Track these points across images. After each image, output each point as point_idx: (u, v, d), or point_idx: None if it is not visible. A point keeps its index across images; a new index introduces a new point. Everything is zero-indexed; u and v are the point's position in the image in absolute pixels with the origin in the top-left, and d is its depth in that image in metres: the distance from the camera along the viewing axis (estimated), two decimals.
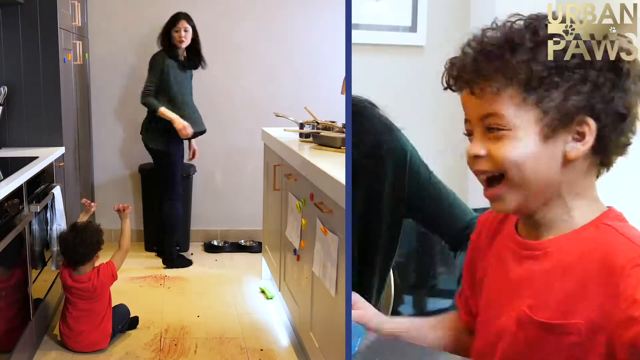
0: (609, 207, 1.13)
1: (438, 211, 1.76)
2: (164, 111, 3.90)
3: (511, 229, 1.20)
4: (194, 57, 4.06)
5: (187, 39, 3.99)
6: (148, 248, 4.37)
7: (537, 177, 1.08)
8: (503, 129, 1.07)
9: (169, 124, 3.92)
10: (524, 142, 1.07)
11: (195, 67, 4.09)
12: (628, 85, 1.06)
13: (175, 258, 4.14)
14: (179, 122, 3.91)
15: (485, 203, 1.17)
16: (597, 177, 1.13)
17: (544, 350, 1.07)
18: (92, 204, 3.26)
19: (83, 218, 3.15)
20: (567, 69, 1.04)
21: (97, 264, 2.96)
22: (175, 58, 4.00)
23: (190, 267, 4.15)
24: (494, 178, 1.11)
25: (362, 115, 1.66)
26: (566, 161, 1.07)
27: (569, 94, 1.04)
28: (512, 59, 1.05)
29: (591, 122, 1.05)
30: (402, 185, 1.72)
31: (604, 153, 1.09)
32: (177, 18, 4.00)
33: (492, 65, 1.07)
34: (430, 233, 1.86)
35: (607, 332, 1.03)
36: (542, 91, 1.05)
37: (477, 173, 1.13)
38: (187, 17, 4.02)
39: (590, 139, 1.06)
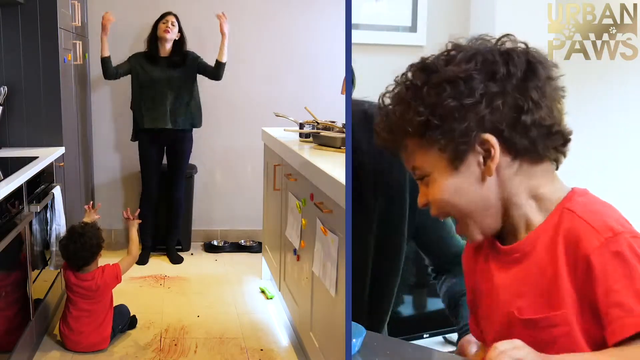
0: (572, 188, 1.15)
1: (433, 235, 1.73)
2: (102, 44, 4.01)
3: (493, 240, 1.21)
4: (178, 54, 4.07)
5: (172, 31, 4.03)
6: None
7: (470, 203, 1.13)
8: (425, 176, 1.15)
9: (136, 113, 4.08)
10: (441, 181, 1.13)
11: (178, 65, 4.06)
12: (519, 82, 1.07)
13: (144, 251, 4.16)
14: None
15: None
16: (557, 168, 1.15)
17: (537, 348, 1.08)
18: (95, 209, 3.23)
19: (86, 219, 3.14)
20: (441, 106, 1.07)
21: (101, 262, 2.96)
22: (154, 56, 4.05)
23: (190, 267, 4.15)
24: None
25: None
26: (486, 178, 1.11)
27: (452, 128, 1.08)
28: (405, 114, 1.11)
29: (489, 137, 1.08)
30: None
31: (524, 152, 1.10)
32: (165, 14, 4.10)
33: (394, 121, 1.14)
34: (421, 253, 1.84)
35: (590, 319, 1.05)
36: (430, 133, 1.10)
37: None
38: (176, 16, 4.10)
39: (496, 152, 1.08)
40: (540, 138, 1.09)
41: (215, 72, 4.12)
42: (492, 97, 1.07)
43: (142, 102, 4.06)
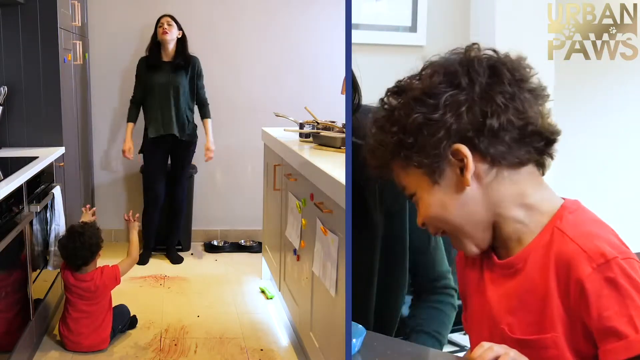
0: (563, 200, 1.14)
1: (418, 256, 1.69)
2: (127, 127, 4.14)
3: (489, 251, 1.21)
4: (179, 57, 4.05)
5: (170, 32, 4.00)
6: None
7: (457, 217, 1.14)
8: (413, 195, 1.17)
9: (145, 127, 4.09)
10: (426, 198, 1.15)
11: (180, 68, 4.04)
12: (493, 89, 1.08)
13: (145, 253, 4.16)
14: (125, 144, 4.14)
15: None
16: (543, 173, 1.14)
17: None
18: (91, 211, 3.22)
19: (83, 219, 3.14)
20: (410, 123, 1.09)
21: (99, 263, 2.96)
22: (155, 61, 4.03)
23: (190, 267, 4.15)
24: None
25: None
26: (465, 188, 1.11)
27: (423, 143, 1.10)
28: (383, 137, 1.15)
29: (459, 146, 1.09)
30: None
31: (500, 157, 1.09)
32: (159, 18, 4.07)
33: (375, 146, 1.17)
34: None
35: (582, 340, 1.05)
36: (405, 152, 1.12)
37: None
38: (171, 16, 4.07)
39: (469, 161, 1.09)
40: (513, 141, 1.09)
41: (202, 109, 4.18)
42: (456, 107, 1.08)
43: (148, 110, 4.05)
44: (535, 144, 1.10)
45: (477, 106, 1.07)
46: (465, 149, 1.09)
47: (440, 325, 1.62)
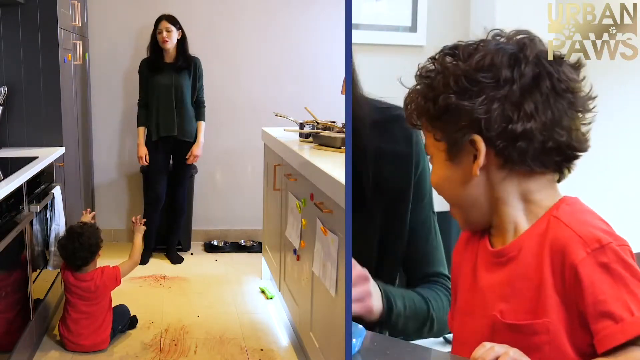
0: (563, 196, 1.15)
1: (414, 245, 1.63)
2: (139, 132, 4.11)
3: (485, 240, 1.22)
4: (181, 58, 4.04)
5: (170, 39, 3.98)
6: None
7: (455, 197, 1.18)
8: (430, 156, 1.20)
9: (147, 129, 4.10)
10: (437, 167, 1.19)
11: (182, 69, 4.03)
12: (533, 94, 1.08)
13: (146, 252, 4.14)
14: (139, 150, 4.11)
15: None
16: (559, 180, 1.15)
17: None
18: (92, 214, 3.24)
19: (83, 219, 3.15)
20: (442, 99, 1.11)
21: (99, 263, 2.96)
22: (157, 63, 4.02)
23: (190, 267, 4.15)
24: None
25: (399, 123, 1.60)
26: (472, 177, 1.13)
27: (447, 123, 1.12)
28: (418, 95, 1.17)
29: (477, 138, 1.10)
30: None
31: (514, 162, 1.10)
32: (158, 20, 4.02)
33: (412, 98, 1.19)
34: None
35: (578, 327, 1.05)
36: (431, 122, 1.15)
37: None
38: (170, 18, 4.01)
39: (481, 155, 1.10)
40: (532, 151, 1.09)
41: (197, 110, 4.15)
42: (489, 103, 1.08)
43: (151, 111, 4.04)
44: (555, 158, 1.11)
45: (507, 107, 1.08)
46: (481, 143, 1.10)
47: (431, 294, 1.58)
